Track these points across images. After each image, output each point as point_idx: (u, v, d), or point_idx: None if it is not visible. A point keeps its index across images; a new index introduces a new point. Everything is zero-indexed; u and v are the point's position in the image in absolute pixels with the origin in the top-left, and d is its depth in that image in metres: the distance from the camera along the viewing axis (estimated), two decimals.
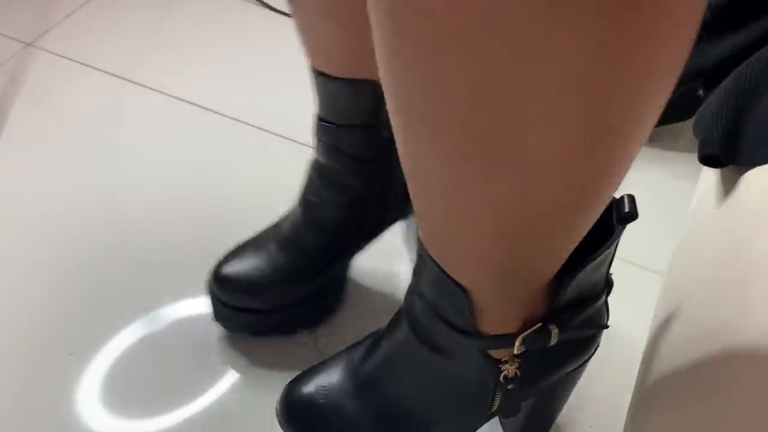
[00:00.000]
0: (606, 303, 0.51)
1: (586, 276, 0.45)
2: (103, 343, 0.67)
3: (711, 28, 0.50)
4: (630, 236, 0.71)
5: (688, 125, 0.54)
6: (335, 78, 0.57)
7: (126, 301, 0.70)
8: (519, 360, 0.47)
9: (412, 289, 0.50)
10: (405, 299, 0.52)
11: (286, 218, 0.66)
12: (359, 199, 0.63)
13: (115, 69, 0.95)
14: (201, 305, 0.69)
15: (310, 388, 0.57)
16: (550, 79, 0.29)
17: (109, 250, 0.75)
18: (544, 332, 0.45)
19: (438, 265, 0.43)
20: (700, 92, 0.52)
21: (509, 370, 0.48)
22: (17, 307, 0.70)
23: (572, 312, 0.46)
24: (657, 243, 0.70)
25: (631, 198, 0.44)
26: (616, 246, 0.45)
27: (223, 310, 0.65)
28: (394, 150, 0.41)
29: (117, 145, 0.86)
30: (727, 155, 0.47)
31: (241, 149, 0.85)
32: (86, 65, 0.96)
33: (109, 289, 0.71)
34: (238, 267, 0.64)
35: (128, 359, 0.66)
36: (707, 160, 0.48)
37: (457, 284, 0.43)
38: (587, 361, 0.53)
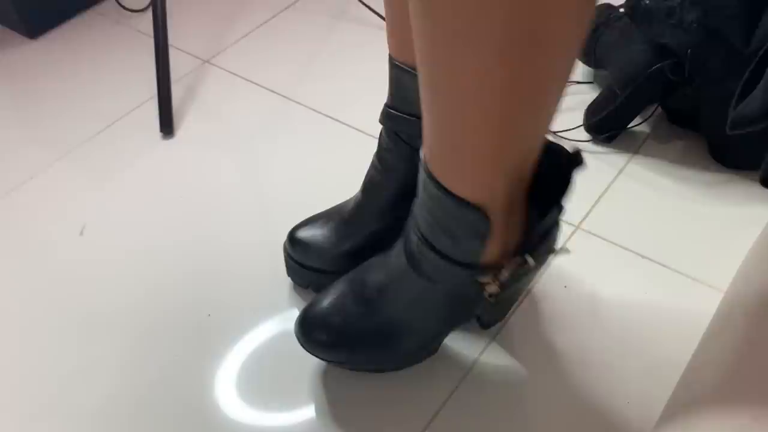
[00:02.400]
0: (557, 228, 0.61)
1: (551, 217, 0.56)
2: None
3: None
4: (695, 253, 0.74)
5: None
6: (408, 69, 0.63)
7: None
8: (501, 279, 0.58)
9: (411, 228, 0.60)
10: (404, 235, 0.62)
11: (353, 198, 0.77)
12: (404, 185, 0.70)
13: (279, 88, 1.07)
14: None
15: (324, 306, 0.66)
16: None
17: (261, 243, 0.84)
18: (523, 261, 0.57)
19: (460, 199, 0.52)
20: None
21: (491, 288, 0.59)
22: (163, 274, 0.81)
23: (540, 242, 0.57)
24: (721, 261, 0.78)
25: (577, 151, 0.56)
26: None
27: (293, 266, 0.76)
28: None
29: (274, 156, 0.96)
30: None
31: None
32: (253, 83, 1.08)
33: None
34: (308, 232, 0.76)
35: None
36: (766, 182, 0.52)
37: (481, 213, 0.53)
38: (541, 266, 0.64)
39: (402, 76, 0.64)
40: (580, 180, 0.88)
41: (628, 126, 0.92)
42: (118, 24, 1.22)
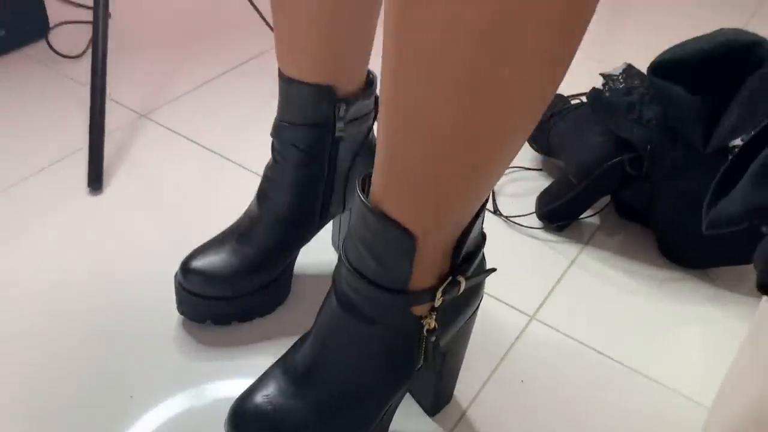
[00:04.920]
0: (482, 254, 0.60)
1: (475, 233, 0.55)
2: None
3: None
4: (681, 367, 0.73)
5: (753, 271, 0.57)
6: (303, 83, 0.66)
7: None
8: (436, 312, 0.55)
9: (339, 260, 0.56)
10: (333, 277, 0.58)
11: (245, 214, 0.75)
12: (305, 193, 0.72)
13: (214, 146, 1.01)
14: None
15: (256, 400, 0.59)
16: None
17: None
18: (455, 283, 0.54)
19: (386, 216, 0.51)
20: (764, 229, 0.55)
21: (429, 323, 0.55)
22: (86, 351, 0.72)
23: (469, 263, 0.55)
24: (705, 376, 0.75)
25: None
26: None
27: (189, 298, 0.72)
28: (336, 148, 0.68)
29: (204, 213, 0.89)
30: None
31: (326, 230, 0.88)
32: (189, 139, 1.02)
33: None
34: (203, 260, 0.72)
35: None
36: (764, 287, 0.51)
37: (406, 231, 0.50)
38: (477, 308, 0.63)
39: (289, 88, 0.68)
40: (533, 269, 0.87)
41: (579, 217, 0.91)
42: (48, 68, 1.14)
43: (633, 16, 1.44)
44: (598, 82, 0.88)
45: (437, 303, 0.54)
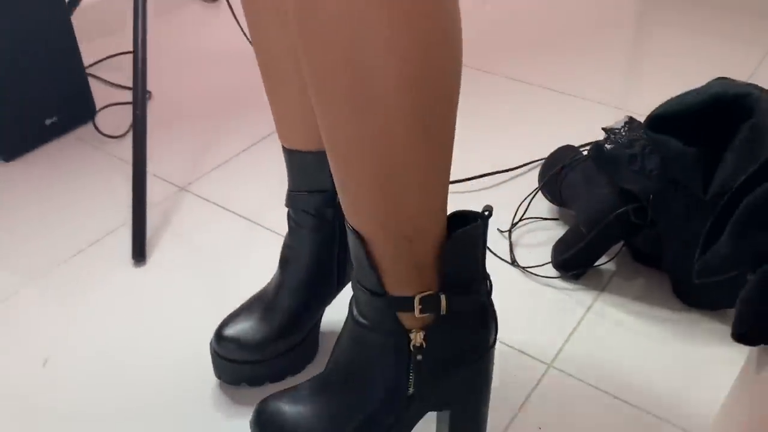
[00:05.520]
0: (491, 302, 0.64)
1: (462, 258, 0.60)
2: None
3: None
4: (699, 409, 0.74)
5: None
6: (304, 152, 0.73)
7: None
8: (425, 331, 0.60)
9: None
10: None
11: (270, 283, 0.81)
12: (321, 256, 0.78)
13: (250, 214, 1.08)
14: None
15: (279, 398, 0.68)
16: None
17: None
18: (436, 298, 0.59)
19: (348, 223, 0.59)
20: (749, 277, 0.58)
21: (416, 338, 0.61)
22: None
23: (459, 289, 0.60)
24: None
25: (487, 208, 0.61)
26: (484, 236, 0.61)
27: (224, 364, 0.79)
28: None
29: (241, 275, 0.96)
30: (757, 335, 0.53)
31: None
32: (226, 209, 1.10)
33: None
34: (234, 328, 0.78)
35: None
36: (740, 337, 0.54)
37: (356, 232, 0.58)
38: (484, 362, 0.66)
39: (294, 159, 0.74)
40: (550, 318, 0.90)
41: (595, 264, 0.95)
42: (96, 149, 1.24)
43: (650, 62, 1.48)
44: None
45: (416, 312, 0.60)
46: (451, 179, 1.12)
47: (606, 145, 0.88)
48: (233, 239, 1.04)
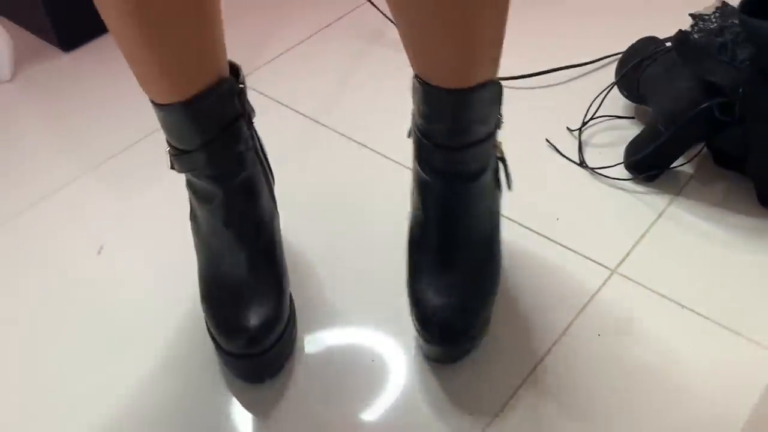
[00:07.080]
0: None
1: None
2: None
3: None
4: (738, 305, 0.69)
5: None
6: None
7: None
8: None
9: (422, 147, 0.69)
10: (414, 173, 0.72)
11: None
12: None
13: (309, 111, 1.05)
14: None
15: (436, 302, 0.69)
16: None
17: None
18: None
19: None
20: None
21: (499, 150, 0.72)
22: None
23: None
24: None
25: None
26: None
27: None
28: None
29: (300, 179, 0.93)
30: None
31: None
32: (283, 104, 1.06)
33: None
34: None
35: None
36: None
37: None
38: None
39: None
40: (617, 222, 0.84)
41: (671, 166, 0.88)
42: None
43: None
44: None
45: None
46: (521, 73, 1.05)
47: (693, 34, 0.79)
48: (292, 136, 1.01)
